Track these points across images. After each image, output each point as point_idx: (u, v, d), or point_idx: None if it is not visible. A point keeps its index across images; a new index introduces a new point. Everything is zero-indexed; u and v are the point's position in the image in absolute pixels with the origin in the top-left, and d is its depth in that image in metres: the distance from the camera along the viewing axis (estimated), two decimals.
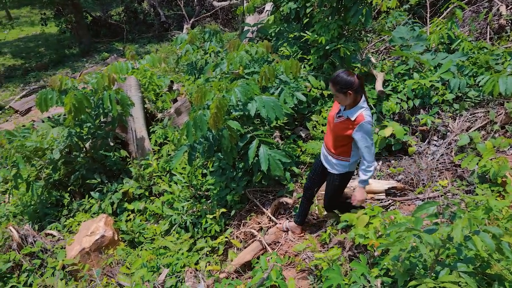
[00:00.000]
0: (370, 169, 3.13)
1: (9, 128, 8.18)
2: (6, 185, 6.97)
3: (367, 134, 3.02)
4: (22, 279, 4.24)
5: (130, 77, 6.29)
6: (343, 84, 3.00)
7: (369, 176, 3.17)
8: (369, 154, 3.08)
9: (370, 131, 3.03)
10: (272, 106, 3.98)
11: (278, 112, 4.01)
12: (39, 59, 15.54)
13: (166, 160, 5.57)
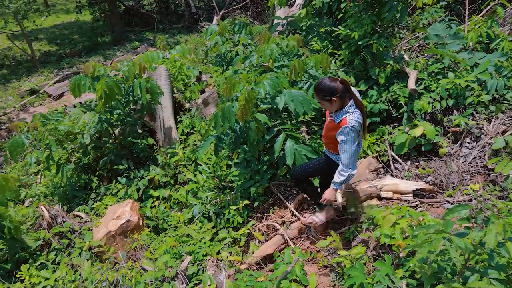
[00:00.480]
0: (344, 174, 3.09)
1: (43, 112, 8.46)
2: (38, 166, 7.21)
3: (346, 138, 2.99)
4: (51, 257, 4.39)
5: (161, 66, 6.37)
6: (326, 91, 3.01)
7: (341, 180, 3.12)
8: (346, 158, 3.04)
9: (350, 136, 2.99)
10: (301, 100, 3.94)
11: (306, 106, 3.97)
12: (73, 46, 15.94)
13: (192, 149, 5.63)
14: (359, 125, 3.02)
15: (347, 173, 3.09)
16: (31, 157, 5.28)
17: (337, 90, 2.98)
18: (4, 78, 13.21)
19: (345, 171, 3.09)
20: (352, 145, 3.01)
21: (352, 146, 3.01)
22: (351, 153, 3.02)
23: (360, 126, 3.06)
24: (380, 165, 4.69)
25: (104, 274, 3.42)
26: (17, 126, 5.21)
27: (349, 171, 3.08)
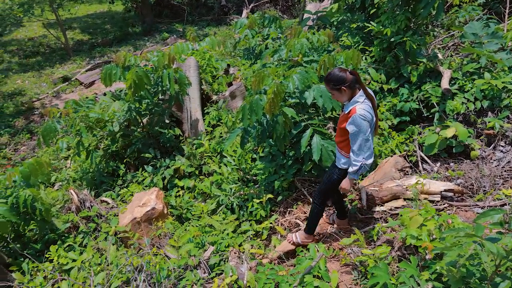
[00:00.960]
0: (356, 164, 3.07)
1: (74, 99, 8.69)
2: (68, 151, 7.43)
3: (357, 127, 2.97)
4: (78, 240, 4.52)
5: (190, 57, 6.42)
6: (335, 80, 3.04)
7: (355, 170, 3.10)
8: (357, 147, 3.03)
9: (361, 124, 2.96)
10: (330, 96, 3.90)
11: (335, 102, 3.94)
12: (105, 35, 16.26)
13: (218, 141, 5.66)
14: (369, 115, 3.00)
15: (359, 163, 3.06)
16: (62, 143, 5.43)
17: (346, 80, 3.01)
18: (38, 65, 13.62)
19: (357, 161, 3.06)
20: (363, 134, 2.98)
21: (363, 135, 2.98)
22: (361, 142, 3.00)
23: (371, 117, 3.04)
24: (407, 164, 4.59)
25: (129, 259, 3.50)
26: (50, 112, 5.36)
27: (362, 160, 3.05)
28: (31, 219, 4.40)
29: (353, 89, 3.06)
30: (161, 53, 5.34)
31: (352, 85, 3.04)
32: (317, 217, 3.67)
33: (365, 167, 3.10)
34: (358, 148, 3.02)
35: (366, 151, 3.04)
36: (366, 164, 3.08)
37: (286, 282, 2.80)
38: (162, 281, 3.19)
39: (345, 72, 3.03)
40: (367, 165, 3.09)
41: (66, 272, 3.92)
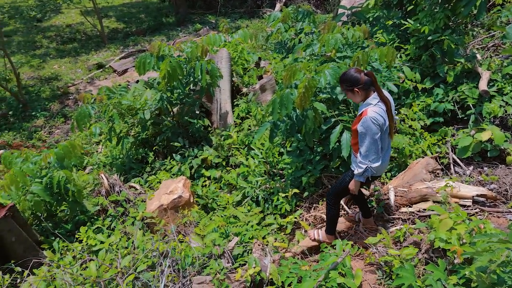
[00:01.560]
0: (362, 166, 3.05)
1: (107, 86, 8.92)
2: (100, 137, 7.63)
3: (365, 129, 2.95)
4: (106, 223, 4.65)
5: (222, 49, 6.45)
6: (349, 81, 3.04)
7: (360, 172, 3.08)
8: (364, 149, 3.00)
9: (370, 127, 2.93)
10: None
11: None
12: (139, 24, 16.54)
13: (246, 134, 5.69)
14: (381, 118, 2.96)
15: (365, 165, 3.03)
16: (95, 128, 5.59)
17: (359, 81, 2.99)
18: (75, 51, 14.02)
19: (363, 163, 3.04)
20: (371, 137, 2.94)
21: (372, 138, 2.95)
22: (369, 144, 2.97)
23: (383, 120, 2.99)
24: (438, 166, 4.48)
25: (155, 245, 3.58)
26: (85, 97, 5.52)
27: (367, 163, 3.02)
28: (63, 200, 4.55)
29: (367, 91, 3.04)
30: (194, 44, 5.39)
31: (366, 86, 3.01)
32: (333, 218, 3.64)
33: (370, 170, 3.06)
34: (365, 150, 3.00)
35: (373, 154, 3.00)
36: (371, 167, 3.04)
37: (310, 277, 2.80)
38: (187, 268, 3.25)
39: (360, 73, 3.00)
40: (372, 168, 3.05)
41: (94, 253, 4.05)
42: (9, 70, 11.04)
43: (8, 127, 9.50)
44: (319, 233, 3.82)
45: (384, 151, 3.18)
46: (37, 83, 11.62)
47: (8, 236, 3.82)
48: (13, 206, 3.91)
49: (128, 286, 3.18)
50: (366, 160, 3.03)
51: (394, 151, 4.64)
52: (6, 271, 3.75)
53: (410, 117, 4.87)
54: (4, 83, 10.36)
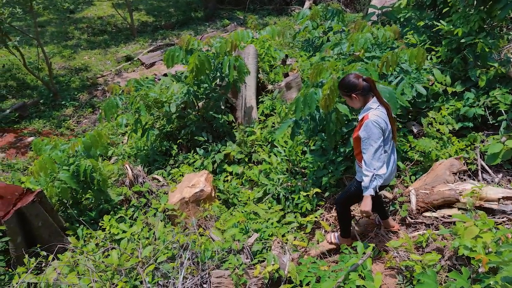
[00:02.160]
0: (367, 174, 2.90)
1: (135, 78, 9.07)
2: (126, 128, 7.78)
3: (368, 133, 2.90)
4: (129, 213, 4.74)
5: (250, 45, 6.46)
6: (346, 87, 3.05)
7: (366, 182, 2.91)
8: (368, 156, 2.90)
9: (372, 130, 2.88)
10: (387, 96, 3.77)
11: (392, 104, 3.78)
12: (168, 18, 16.74)
13: (270, 131, 5.69)
14: (383, 122, 2.93)
15: (370, 173, 2.90)
16: (122, 119, 5.70)
17: (357, 87, 3.00)
18: (105, 43, 14.31)
19: (368, 171, 2.91)
20: (375, 142, 2.88)
21: (375, 143, 2.88)
22: (373, 150, 2.88)
23: (385, 124, 2.97)
24: (464, 167, 4.35)
25: (175, 237, 3.63)
26: (114, 88, 5.63)
27: (372, 170, 2.89)
28: (89, 188, 4.67)
29: (366, 96, 3.04)
30: (223, 40, 5.41)
31: (365, 92, 3.02)
32: (346, 222, 3.63)
33: (378, 179, 2.91)
34: (369, 157, 2.90)
35: (377, 160, 2.90)
36: (378, 175, 2.90)
37: (328, 278, 2.79)
38: (206, 261, 3.29)
39: (358, 79, 3.00)
40: (380, 176, 2.91)
41: (116, 242, 4.14)
42: (41, 60, 11.38)
43: (39, 115, 9.80)
44: (335, 236, 3.83)
45: (388, 156, 3.10)
46: (67, 73, 11.93)
47: (35, 220, 3.95)
48: (41, 192, 4.04)
49: (148, 276, 3.24)
50: (371, 168, 2.90)
51: (418, 154, 4.55)
52: (32, 254, 3.89)
53: (438, 121, 4.75)
54: (36, 72, 10.69)
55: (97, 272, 3.27)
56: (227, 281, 3.10)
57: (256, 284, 3.13)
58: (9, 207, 3.82)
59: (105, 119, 5.50)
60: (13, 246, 3.92)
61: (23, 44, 13.27)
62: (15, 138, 8.76)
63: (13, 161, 7.62)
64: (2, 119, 9.41)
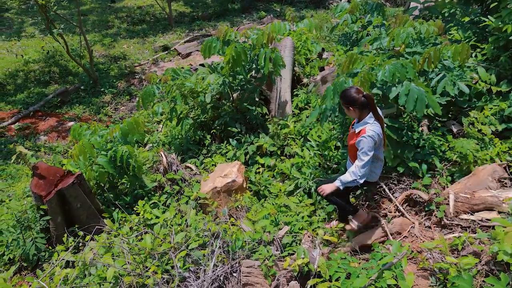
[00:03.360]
0: (352, 176, 3.31)
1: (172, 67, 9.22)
2: (161, 116, 7.94)
3: (364, 146, 3.24)
4: (162, 199, 4.85)
5: (287, 38, 6.42)
6: (346, 99, 3.34)
7: (346, 181, 3.34)
8: (359, 164, 3.28)
9: (369, 145, 3.23)
10: (416, 97, 3.65)
11: (419, 105, 3.68)
12: (205, 9, 16.88)
13: (304, 124, 5.65)
14: (377, 136, 3.26)
15: (354, 177, 3.31)
16: (158, 107, 5.82)
17: (356, 102, 3.27)
18: (143, 32, 14.61)
19: (354, 175, 3.31)
20: (367, 154, 3.25)
21: (367, 156, 3.25)
22: (364, 162, 3.26)
23: (380, 138, 3.31)
24: (506, 175, 4.18)
25: (207, 225, 3.68)
26: (151, 77, 5.75)
27: (356, 177, 3.30)
28: (125, 173, 4.81)
29: (362, 111, 3.32)
30: (260, 31, 5.40)
31: (362, 107, 3.29)
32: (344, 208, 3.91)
33: (356, 183, 3.35)
34: (359, 166, 3.28)
35: (364, 170, 3.28)
36: (358, 182, 3.34)
37: (360, 274, 2.76)
38: (237, 251, 3.32)
39: (359, 94, 3.27)
40: (358, 183, 3.35)
41: (149, 227, 4.25)
42: (83, 47, 11.76)
43: (79, 100, 10.16)
44: (353, 222, 3.99)
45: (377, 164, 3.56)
46: (107, 61, 12.28)
47: (74, 202, 4.11)
48: (80, 175, 4.20)
49: (180, 261, 3.31)
50: (356, 175, 3.30)
51: (457, 155, 4.40)
52: (71, 234, 4.06)
53: (480, 121, 4.57)
54: (78, 59, 11.06)
55: (131, 255, 3.37)
56: (257, 271, 3.13)
57: (285, 276, 3.14)
58: (50, 187, 4.00)
59: (142, 106, 5.63)
60: (53, 225, 4.11)
61: (67, 32, 13.75)
62: (57, 122, 9.14)
63: (55, 144, 7.95)
64: (45, 103, 9.83)
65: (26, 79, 11.00)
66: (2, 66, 11.46)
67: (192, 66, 10.85)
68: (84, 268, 3.44)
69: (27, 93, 10.38)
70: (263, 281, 3.13)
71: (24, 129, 8.82)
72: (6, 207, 4.57)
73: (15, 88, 10.55)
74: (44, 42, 12.92)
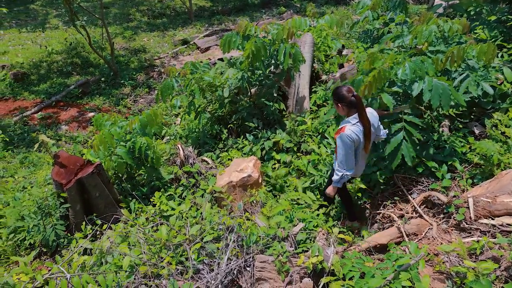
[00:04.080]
0: (338, 173, 3.60)
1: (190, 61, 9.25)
2: (179, 109, 7.99)
3: (341, 143, 3.48)
4: (178, 191, 4.89)
5: (307, 34, 6.37)
6: (335, 96, 3.53)
7: (336, 179, 3.63)
8: (340, 160, 3.55)
9: (345, 142, 3.44)
10: (440, 92, 3.59)
11: (444, 100, 3.61)
12: (225, 4, 16.88)
13: (321, 121, 5.61)
14: (356, 137, 3.43)
15: (340, 173, 3.59)
16: (177, 100, 5.86)
17: (344, 100, 3.45)
18: (163, 26, 14.71)
19: (339, 171, 3.59)
20: (345, 150, 3.47)
21: (344, 151, 3.47)
22: (343, 156, 3.50)
23: (358, 138, 3.46)
24: None
25: (222, 218, 3.70)
26: (171, 70, 5.78)
27: (342, 171, 3.57)
28: (142, 164, 4.87)
29: (350, 109, 3.48)
30: (281, 27, 5.37)
31: (350, 106, 3.45)
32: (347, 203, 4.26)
33: (346, 177, 3.60)
34: (341, 161, 3.54)
35: (347, 164, 3.53)
36: (347, 175, 3.58)
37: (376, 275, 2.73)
38: (251, 245, 3.33)
39: (349, 93, 3.42)
40: (347, 176, 3.59)
41: (165, 218, 4.29)
42: (105, 40, 11.91)
43: (100, 92, 10.31)
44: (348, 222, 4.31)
45: (357, 163, 3.68)
46: (127, 54, 12.41)
47: (93, 190, 4.19)
48: (99, 164, 4.27)
49: (194, 253, 3.34)
50: (342, 169, 3.57)
51: (480, 158, 4.30)
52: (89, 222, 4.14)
53: (504, 123, 4.46)
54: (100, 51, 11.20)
55: (147, 245, 3.42)
56: (270, 266, 3.13)
57: (298, 273, 3.13)
58: (71, 176, 4.08)
59: (161, 99, 5.67)
60: (72, 213, 4.19)
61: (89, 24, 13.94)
62: (78, 113, 9.30)
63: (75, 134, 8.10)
64: (67, 94, 10.01)
65: (49, 69, 11.21)
66: (27, 56, 11.70)
67: (211, 60, 10.88)
68: (101, 256, 3.51)
69: (49, 83, 10.58)
70: (276, 276, 3.13)
71: (46, 119, 9.01)
72: (28, 194, 4.69)
73: (38, 78, 10.76)
74: (67, 34, 13.13)
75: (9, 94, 10.03)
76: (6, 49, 12.19)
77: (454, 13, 6.85)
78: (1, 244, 4.20)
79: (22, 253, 4.23)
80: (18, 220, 4.29)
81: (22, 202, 4.49)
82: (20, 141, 7.78)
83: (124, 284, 3.09)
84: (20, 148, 7.47)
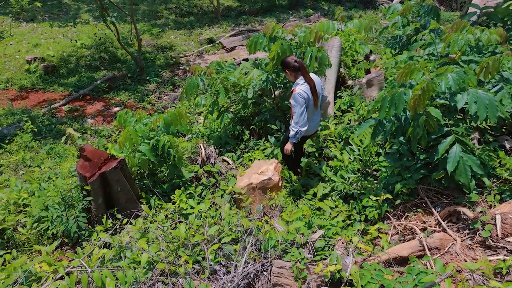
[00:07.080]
0: (293, 129, 4.33)
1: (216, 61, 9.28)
2: (202, 108, 8.03)
3: (295, 102, 4.24)
4: (198, 190, 4.90)
5: (335, 38, 6.30)
6: (283, 64, 4.43)
7: (292, 134, 4.36)
8: (296, 117, 4.27)
9: (298, 100, 4.20)
10: (487, 104, 3.47)
11: (491, 112, 3.48)
12: (252, 4, 16.90)
13: (345, 127, 5.53)
14: (305, 94, 4.21)
15: (296, 129, 4.31)
16: (201, 99, 5.88)
17: (289, 65, 4.33)
18: (190, 24, 14.83)
19: (294, 127, 4.31)
20: (299, 107, 4.20)
21: (299, 108, 4.20)
22: (298, 114, 4.22)
23: (307, 95, 4.25)
24: None
25: (240, 220, 3.68)
26: (196, 69, 5.81)
27: (297, 127, 4.29)
28: (164, 162, 4.90)
29: (296, 73, 4.34)
30: (308, 29, 5.32)
31: (294, 70, 4.31)
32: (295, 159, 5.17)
33: (300, 133, 4.33)
34: (295, 118, 4.26)
35: (301, 121, 4.25)
36: (301, 131, 4.30)
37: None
38: (269, 250, 3.30)
39: (292, 60, 4.30)
40: (301, 132, 4.31)
41: (183, 216, 4.31)
42: (133, 36, 12.09)
43: (125, 87, 10.47)
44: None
45: (310, 118, 4.43)
46: (154, 51, 12.57)
47: (115, 185, 4.24)
48: (123, 160, 4.32)
49: (211, 254, 3.34)
50: (297, 126, 4.28)
51: (510, 173, 4.15)
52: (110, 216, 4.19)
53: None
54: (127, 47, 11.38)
55: (166, 242, 3.43)
56: (288, 272, 3.10)
57: (315, 281, 3.09)
58: (95, 169, 4.14)
59: (185, 97, 5.71)
60: (94, 206, 4.26)
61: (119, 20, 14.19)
62: (103, 107, 9.47)
63: (100, 128, 8.25)
64: (94, 88, 10.20)
65: (77, 63, 11.45)
66: (58, 49, 11.99)
67: (236, 60, 10.90)
68: (120, 250, 3.55)
69: (78, 77, 10.81)
70: (293, 283, 3.09)
71: (73, 111, 9.21)
72: (53, 184, 4.79)
73: (67, 72, 11.02)
74: (97, 29, 13.40)
75: (40, 86, 10.31)
76: (39, 42, 12.53)
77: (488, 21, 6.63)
78: (25, 232, 4.30)
79: (45, 242, 4.32)
80: (42, 210, 4.39)
81: (47, 192, 4.58)
82: (47, 132, 7.98)
83: (141, 280, 3.11)
84: (47, 139, 7.65)
